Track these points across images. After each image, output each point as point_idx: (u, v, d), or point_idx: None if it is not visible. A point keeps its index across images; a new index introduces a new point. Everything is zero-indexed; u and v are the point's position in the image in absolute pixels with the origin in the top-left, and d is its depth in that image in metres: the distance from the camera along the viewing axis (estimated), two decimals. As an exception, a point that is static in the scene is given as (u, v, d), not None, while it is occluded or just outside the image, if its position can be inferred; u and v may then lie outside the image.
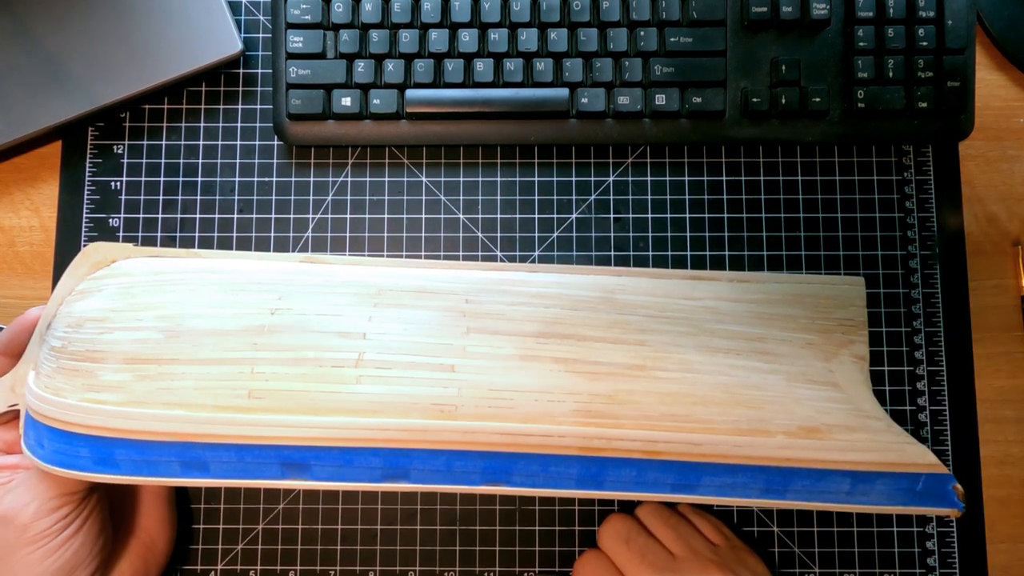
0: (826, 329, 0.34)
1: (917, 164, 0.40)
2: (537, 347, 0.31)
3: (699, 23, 0.38)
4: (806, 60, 0.38)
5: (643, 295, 0.34)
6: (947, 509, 0.30)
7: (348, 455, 0.29)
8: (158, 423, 0.28)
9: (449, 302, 0.32)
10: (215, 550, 0.38)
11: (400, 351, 0.30)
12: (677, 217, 0.40)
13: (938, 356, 0.39)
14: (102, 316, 0.30)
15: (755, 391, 0.31)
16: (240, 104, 0.41)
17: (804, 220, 0.40)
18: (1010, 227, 0.40)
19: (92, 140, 0.40)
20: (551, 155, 0.40)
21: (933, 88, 0.38)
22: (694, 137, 0.39)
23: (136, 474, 0.29)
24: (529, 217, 0.40)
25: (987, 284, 0.40)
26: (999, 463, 0.39)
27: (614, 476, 0.30)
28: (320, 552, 0.38)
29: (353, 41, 0.38)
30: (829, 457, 0.30)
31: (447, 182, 0.40)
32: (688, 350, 0.32)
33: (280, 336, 0.30)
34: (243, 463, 0.29)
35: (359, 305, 0.32)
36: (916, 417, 0.39)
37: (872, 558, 0.38)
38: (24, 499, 0.30)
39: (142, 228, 0.40)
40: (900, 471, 0.30)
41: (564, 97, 0.38)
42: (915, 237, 0.40)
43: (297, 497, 0.38)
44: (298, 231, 0.40)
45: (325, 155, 0.40)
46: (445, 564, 0.38)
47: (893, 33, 0.38)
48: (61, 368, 0.29)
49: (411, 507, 0.38)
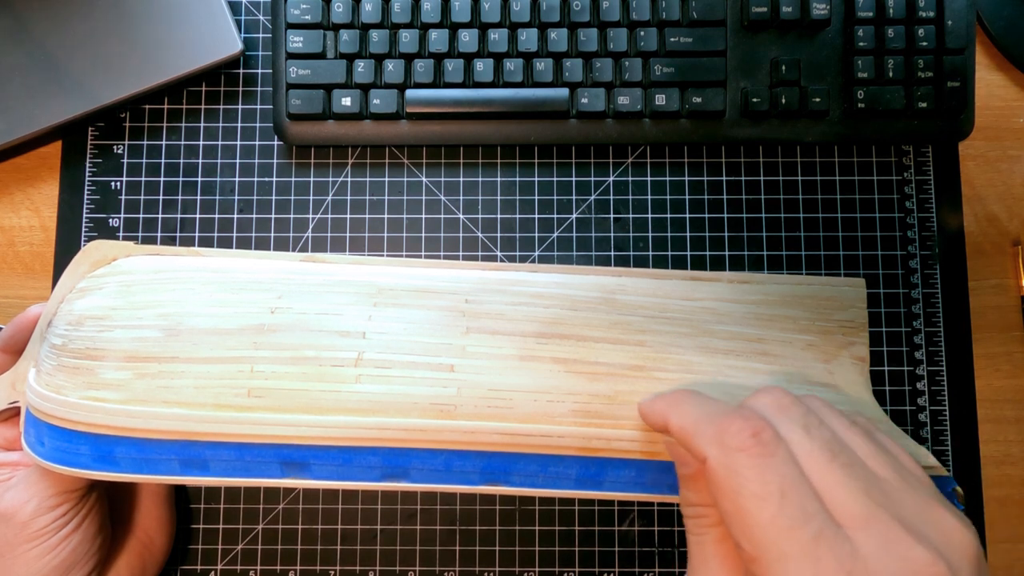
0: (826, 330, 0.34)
1: (917, 164, 0.40)
2: (537, 347, 0.31)
3: (699, 23, 0.38)
4: (806, 60, 0.38)
5: (643, 296, 0.34)
6: (947, 510, 0.30)
7: (348, 454, 0.29)
8: (158, 421, 0.28)
9: (449, 302, 0.32)
10: (215, 550, 0.38)
11: (400, 351, 0.30)
12: (677, 217, 0.40)
13: (938, 356, 0.39)
14: (102, 314, 0.30)
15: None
16: (240, 104, 0.41)
17: (804, 220, 0.40)
18: (1010, 227, 0.40)
19: (92, 140, 0.40)
20: (551, 155, 0.40)
21: (933, 88, 0.38)
22: (694, 137, 0.39)
23: (136, 472, 0.29)
24: (529, 217, 0.40)
25: (987, 284, 0.40)
26: (999, 463, 0.39)
27: (613, 476, 0.30)
28: (320, 552, 0.38)
29: (353, 41, 0.38)
30: (829, 457, 0.30)
31: (447, 182, 0.40)
32: (688, 351, 0.32)
33: (280, 335, 0.30)
34: (243, 462, 0.29)
35: (359, 304, 0.32)
36: (916, 417, 0.39)
37: (872, 559, 0.38)
38: (23, 496, 0.30)
39: (142, 228, 0.40)
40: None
41: (564, 97, 0.38)
42: (915, 237, 0.40)
43: (297, 497, 0.38)
44: (298, 231, 0.40)
45: (325, 155, 0.40)
46: (445, 564, 0.38)
47: (893, 33, 0.38)
48: (61, 366, 0.29)
49: (411, 507, 0.38)
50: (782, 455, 0.22)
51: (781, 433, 0.23)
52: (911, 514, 0.22)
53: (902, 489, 0.23)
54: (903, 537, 0.21)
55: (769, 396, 0.25)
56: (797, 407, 0.24)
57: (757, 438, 0.23)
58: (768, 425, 0.23)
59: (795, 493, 0.22)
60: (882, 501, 0.22)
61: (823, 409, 0.26)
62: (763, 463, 0.22)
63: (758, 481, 0.22)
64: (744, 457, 0.22)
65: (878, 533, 0.21)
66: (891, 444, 0.26)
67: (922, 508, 0.22)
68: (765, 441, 0.23)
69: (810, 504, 0.21)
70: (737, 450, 0.22)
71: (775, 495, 0.21)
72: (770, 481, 0.22)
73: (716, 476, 0.23)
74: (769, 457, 0.22)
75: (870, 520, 0.21)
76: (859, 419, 0.27)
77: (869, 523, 0.21)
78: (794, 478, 0.22)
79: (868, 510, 0.22)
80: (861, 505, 0.22)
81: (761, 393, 0.25)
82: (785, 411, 0.24)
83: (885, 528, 0.21)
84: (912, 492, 0.23)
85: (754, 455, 0.22)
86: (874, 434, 0.26)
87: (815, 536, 0.21)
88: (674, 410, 0.26)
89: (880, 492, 0.22)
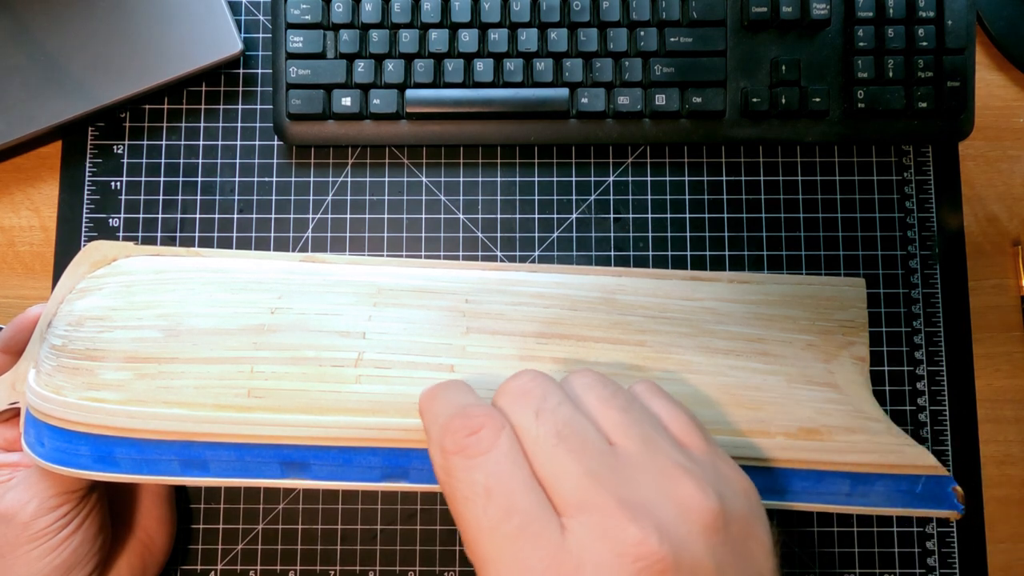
0: (827, 330, 0.34)
1: (917, 164, 0.40)
2: (537, 347, 0.31)
3: (699, 23, 0.38)
4: (806, 60, 0.38)
5: (643, 296, 0.34)
6: (947, 511, 0.30)
7: (347, 454, 0.29)
8: (158, 422, 0.28)
9: (449, 302, 0.32)
10: (215, 550, 0.38)
11: (400, 351, 0.30)
12: (677, 217, 0.40)
13: (938, 356, 0.39)
14: (102, 314, 0.30)
15: (755, 392, 0.31)
16: (240, 104, 0.41)
17: (804, 220, 0.40)
18: (1010, 227, 0.40)
19: (92, 140, 0.40)
20: (551, 155, 0.40)
21: (933, 88, 0.38)
22: (694, 137, 0.39)
23: (136, 473, 0.29)
24: (529, 217, 0.40)
25: (987, 284, 0.40)
26: (999, 463, 0.39)
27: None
28: (320, 552, 0.38)
29: (353, 41, 0.38)
30: (829, 459, 0.30)
31: (447, 182, 0.40)
32: (688, 351, 0.32)
33: (280, 335, 0.30)
34: (243, 462, 0.29)
35: (359, 305, 0.32)
36: (916, 417, 0.39)
37: (872, 558, 0.38)
38: (24, 497, 0.30)
39: (142, 228, 0.40)
40: (900, 473, 0.30)
41: (564, 97, 0.38)
42: (915, 237, 0.40)
43: (297, 497, 0.38)
44: (298, 231, 0.40)
45: (325, 155, 0.40)
46: (445, 564, 0.38)
47: (893, 33, 0.38)
48: (61, 366, 0.29)
49: (411, 507, 0.38)
50: (498, 452, 0.21)
51: (513, 421, 0.22)
52: (642, 489, 0.21)
53: (642, 462, 0.21)
54: (617, 517, 0.20)
55: (515, 382, 0.24)
56: (539, 389, 0.23)
57: (474, 437, 0.22)
58: (491, 419, 0.22)
59: (501, 490, 0.20)
60: (607, 481, 0.21)
61: (580, 384, 0.24)
62: (474, 463, 0.21)
63: (467, 482, 0.21)
64: (458, 459, 0.21)
65: (593, 517, 0.20)
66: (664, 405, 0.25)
67: (658, 480, 0.21)
68: (480, 439, 0.21)
69: (519, 499, 0.20)
70: (452, 453, 0.22)
71: (481, 495, 0.21)
72: (476, 481, 0.21)
73: (440, 483, 0.22)
74: (481, 456, 0.21)
75: (585, 504, 0.20)
76: (636, 387, 0.26)
77: (584, 508, 0.20)
78: (503, 474, 0.21)
79: (585, 494, 0.20)
80: (579, 489, 0.20)
81: (510, 379, 0.24)
82: (524, 396, 0.23)
83: (601, 510, 0.20)
84: (651, 465, 0.21)
85: (467, 456, 0.21)
86: (642, 398, 0.25)
87: (517, 532, 0.20)
88: (426, 411, 0.25)
89: (609, 471, 0.21)
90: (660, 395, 0.25)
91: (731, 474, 0.23)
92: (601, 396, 0.23)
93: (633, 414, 0.23)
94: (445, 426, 0.22)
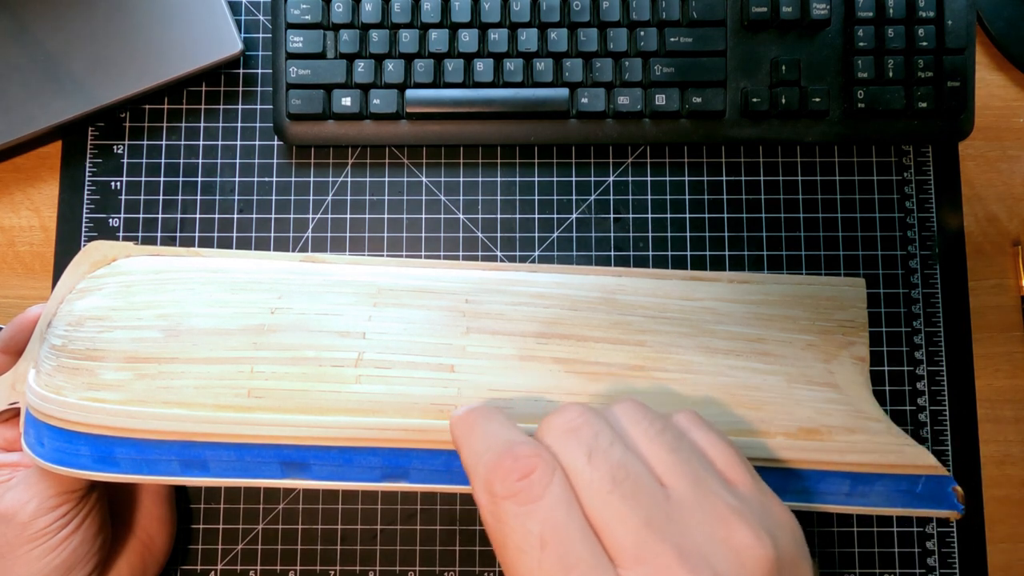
0: (827, 330, 0.34)
1: (917, 164, 0.40)
2: (537, 347, 0.31)
3: (699, 23, 0.38)
4: (806, 60, 0.38)
5: (643, 295, 0.34)
6: (947, 511, 0.30)
7: (347, 454, 0.29)
8: (158, 422, 0.28)
9: (449, 302, 0.32)
10: (215, 550, 0.38)
11: (400, 351, 0.30)
12: (677, 217, 0.40)
13: (938, 356, 0.39)
14: (102, 314, 0.30)
15: (755, 392, 0.31)
16: (240, 104, 0.41)
17: (804, 220, 0.40)
18: (1010, 227, 0.40)
19: (92, 140, 0.40)
20: (551, 155, 0.40)
21: (933, 88, 0.38)
22: (694, 137, 0.39)
23: (136, 473, 0.29)
24: (529, 217, 0.40)
25: (987, 284, 0.40)
26: (999, 463, 0.39)
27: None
28: (320, 552, 0.38)
29: (353, 41, 0.38)
30: (829, 458, 0.30)
31: (447, 182, 0.40)
32: (688, 351, 0.32)
33: (280, 335, 0.30)
34: (243, 462, 0.29)
35: (359, 305, 0.32)
36: (916, 417, 0.39)
37: (872, 558, 0.38)
38: (24, 497, 0.30)
39: (142, 228, 0.40)
40: (900, 473, 0.30)
41: (564, 97, 0.38)
42: (915, 237, 0.40)
43: (297, 497, 0.38)
44: (298, 231, 0.40)
45: (325, 155, 0.40)
46: (445, 564, 0.38)
47: (893, 33, 0.38)
48: (61, 366, 0.29)
49: (411, 507, 0.38)
50: (551, 498, 0.20)
51: (563, 462, 0.22)
52: (697, 536, 0.20)
53: (694, 506, 0.21)
54: (675, 570, 0.19)
55: (561, 418, 0.23)
56: (589, 428, 0.22)
57: (525, 481, 0.21)
58: (542, 461, 0.21)
59: (556, 541, 0.20)
60: (664, 529, 0.20)
61: (626, 418, 0.24)
62: (527, 510, 0.20)
63: (520, 532, 0.20)
64: (510, 505, 0.21)
65: (651, 569, 0.20)
66: (710, 440, 0.24)
67: (712, 526, 0.21)
68: (532, 484, 0.21)
69: (575, 550, 0.20)
70: (503, 498, 0.21)
71: (535, 547, 0.20)
72: (531, 531, 0.20)
73: (487, 528, 0.21)
74: (534, 503, 0.20)
75: (643, 556, 0.20)
76: (679, 418, 0.25)
77: (641, 559, 0.20)
78: (559, 523, 0.20)
79: (643, 544, 0.20)
80: (636, 538, 0.20)
81: (555, 414, 0.23)
82: (574, 435, 0.22)
83: (659, 562, 0.20)
84: (704, 508, 0.21)
85: (520, 502, 0.21)
86: (688, 434, 0.24)
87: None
88: (463, 443, 0.24)
89: (664, 517, 0.21)
90: (703, 427, 0.25)
91: (779, 512, 0.23)
92: (648, 433, 0.23)
93: (683, 453, 0.23)
94: (494, 467, 0.21)
